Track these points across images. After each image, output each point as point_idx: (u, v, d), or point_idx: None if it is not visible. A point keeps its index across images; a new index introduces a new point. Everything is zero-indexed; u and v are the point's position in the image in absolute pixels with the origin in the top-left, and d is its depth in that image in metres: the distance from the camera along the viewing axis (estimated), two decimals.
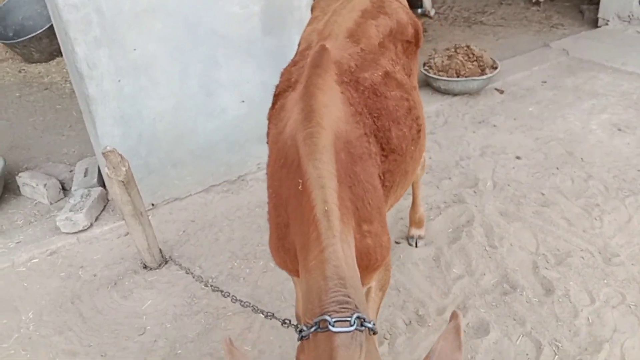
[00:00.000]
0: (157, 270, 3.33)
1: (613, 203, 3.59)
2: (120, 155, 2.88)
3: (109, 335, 2.91)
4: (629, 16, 6.63)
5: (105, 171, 2.93)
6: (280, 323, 2.37)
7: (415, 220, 3.34)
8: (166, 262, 3.37)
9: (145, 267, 3.34)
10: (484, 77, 5.03)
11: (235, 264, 3.35)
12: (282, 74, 2.18)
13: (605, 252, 3.18)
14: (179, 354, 2.76)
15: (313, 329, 1.26)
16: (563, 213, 3.53)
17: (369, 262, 1.64)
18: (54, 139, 5.09)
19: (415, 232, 3.34)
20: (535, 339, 2.67)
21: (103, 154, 2.84)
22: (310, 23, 2.52)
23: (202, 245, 3.54)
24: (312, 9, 2.71)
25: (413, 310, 2.89)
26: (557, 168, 4.03)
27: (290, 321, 2.35)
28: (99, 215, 3.82)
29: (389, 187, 1.89)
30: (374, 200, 1.65)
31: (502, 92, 5.29)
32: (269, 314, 2.40)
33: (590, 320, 2.75)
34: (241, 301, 2.71)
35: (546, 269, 3.09)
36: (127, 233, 3.68)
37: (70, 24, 3.11)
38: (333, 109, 1.66)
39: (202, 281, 3.15)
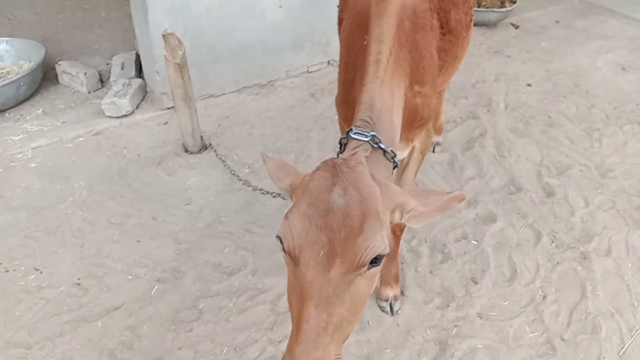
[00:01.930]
0: (197, 154, 3.64)
1: (612, 129, 3.95)
2: (178, 39, 3.12)
3: (159, 203, 3.25)
4: None
5: (162, 53, 3.17)
6: None
7: (435, 128, 3.66)
8: (205, 148, 3.68)
9: (186, 151, 3.65)
10: (504, 10, 5.26)
11: (269, 155, 3.65)
12: None
13: (602, 168, 3.56)
14: (224, 221, 3.12)
15: (344, 136, 1.60)
16: (567, 133, 3.89)
17: (414, 117, 1.93)
18: (84, 35, 5.25)
19: (434, 138, 3.67)
20: (536, 229, 3.07)
21: (163, 35, 3.08)
22: None
23: (237, 138, 3.84)
24: None
25: None
26: (564, 96, 4.36)
27: None
28: (139, 104, 4.08)
29: (441, 66, 2.19)
30: (429, 66, 1.94)
31: (517, 27, 5.54)
32: None
33: (584, 219, 3.16)
34: (272, 193, 3.09)
35: (548, 177, 3.47)
36: (167, 122, 3.97)
37: None
38: None
39: (234, 174, 3.44)
